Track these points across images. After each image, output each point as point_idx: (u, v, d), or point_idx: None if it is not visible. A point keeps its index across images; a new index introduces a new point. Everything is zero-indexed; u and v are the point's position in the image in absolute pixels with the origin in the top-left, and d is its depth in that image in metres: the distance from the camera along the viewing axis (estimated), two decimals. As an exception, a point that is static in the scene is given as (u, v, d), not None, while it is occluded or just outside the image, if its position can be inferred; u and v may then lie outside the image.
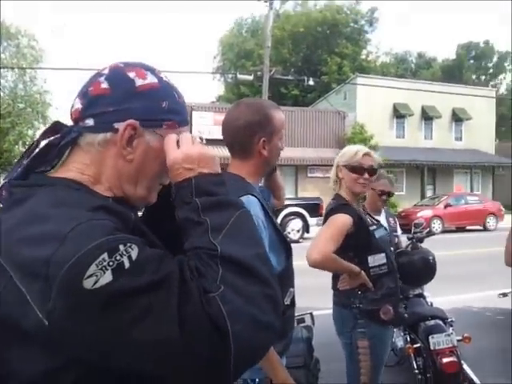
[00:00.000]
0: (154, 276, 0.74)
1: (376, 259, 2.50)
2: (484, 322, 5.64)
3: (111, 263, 0.72)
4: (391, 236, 3.07)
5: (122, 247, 0.74)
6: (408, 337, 3.81)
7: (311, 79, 20.91)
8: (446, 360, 3.23)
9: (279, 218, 11.80)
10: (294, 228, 14.32)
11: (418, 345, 3.50)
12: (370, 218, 2.74)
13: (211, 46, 76.46)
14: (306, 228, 14.48)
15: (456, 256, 10.25)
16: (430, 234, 3.99)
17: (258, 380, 1.65)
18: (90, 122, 0.91)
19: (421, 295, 3.99)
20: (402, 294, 3.01)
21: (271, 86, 18.79)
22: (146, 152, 0.94)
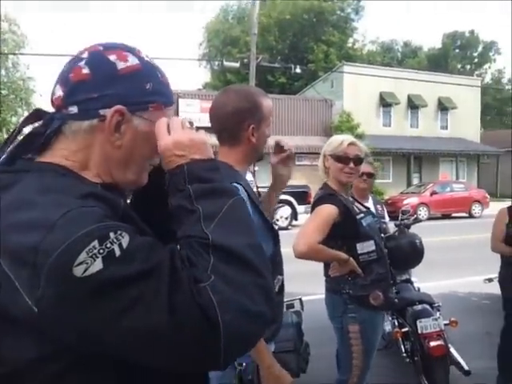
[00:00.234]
0: (144, 265, 0.73)
1: (365, 246, 2.52)
2: (470, 307, 5.73)
3: (102, 251, 0.71)
4: (380, 223, 3.09)
5: (112, 235, 0.73)
6: (396, 321, 3.87)
7: (298, 67, 20.83)
8: (433, 343, 3.28)
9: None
10: (282, 215, 14.40)
11: (406, 329, 3.55)
12: (359, 205, 2.74)
13: (197, 32, 75.63)
14: (294, 215, 14.60)
15: (442, 242, 10.36)
16: (417, 220, 4.02)
17: (244, 364, 1.67)
18: (74, 109, 0.88)
19: (408, 281, 4.05)
20: (393, 280, 3.04)
21: (258, 74, 18.65)
22: (135, 137, 0.92)
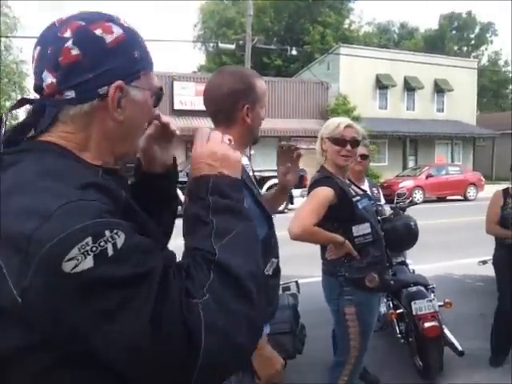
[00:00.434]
0: (136, 269, 0.72)
1: (360, 229, 2.52)
2: (464, 289, 5.78)
3: (94, 249, 0.69)
4: (376, 205, 3.09)
5: (108, 233, 0.71)
6: (391, 303, 3.91)
7: (294, 49, 20.67)
8: (427, 325, 3.32)
9: (264, 189, 11.84)
10: (278, 199, 14.39)
11: (401, 310, 3.59)
12: (356, 188, 2.74)
13: (191, 13, 74.58)
14: (290, 199, 14.56)
15: (437, 225, 10.43)
16: (412, 203, 4.06)
17: None
18: (71, 93, 0.85)
19: (403, 263, 4.08)
20: (389, 262, 3.07)
21: (253, 56, 18.51)
22: (134, 108, 0.92)
